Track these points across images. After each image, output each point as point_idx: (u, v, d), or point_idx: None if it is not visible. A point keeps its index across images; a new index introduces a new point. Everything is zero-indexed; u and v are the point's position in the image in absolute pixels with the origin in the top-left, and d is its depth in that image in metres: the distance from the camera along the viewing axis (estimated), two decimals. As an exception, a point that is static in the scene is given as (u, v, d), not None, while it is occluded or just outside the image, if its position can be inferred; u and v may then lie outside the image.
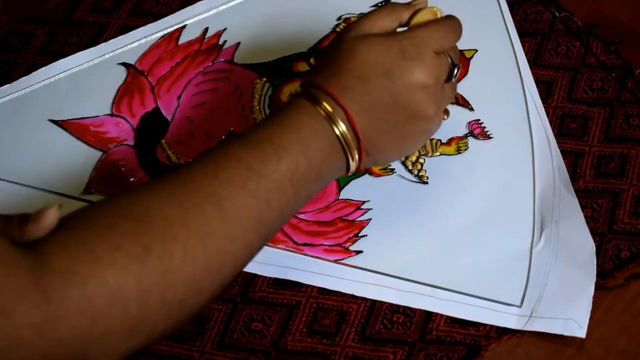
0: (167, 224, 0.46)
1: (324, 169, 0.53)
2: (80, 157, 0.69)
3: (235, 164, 0.49)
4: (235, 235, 0.48)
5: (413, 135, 0.57)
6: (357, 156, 0.55)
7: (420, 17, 0.57)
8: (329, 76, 0.54)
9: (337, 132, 0.53)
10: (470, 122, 0.70)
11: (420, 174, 0.67)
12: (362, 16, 0.57)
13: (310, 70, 0.58)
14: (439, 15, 0.57)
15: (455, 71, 0.57)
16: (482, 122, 0.70)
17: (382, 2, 0.77)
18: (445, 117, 0.59)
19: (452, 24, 0.57)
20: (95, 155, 0.69)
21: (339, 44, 0.56)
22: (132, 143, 0.70)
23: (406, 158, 0.68)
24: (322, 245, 0.64)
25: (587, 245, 0.63)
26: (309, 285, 0.63)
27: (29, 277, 0.41)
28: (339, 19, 0.76)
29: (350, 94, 0.53)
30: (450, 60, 0.56)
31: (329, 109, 0.53)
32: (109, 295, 0.42)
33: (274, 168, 0.50)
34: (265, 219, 0.50)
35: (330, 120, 0.53)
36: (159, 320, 0.46)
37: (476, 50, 0.74)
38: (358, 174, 0.67)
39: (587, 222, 0.65)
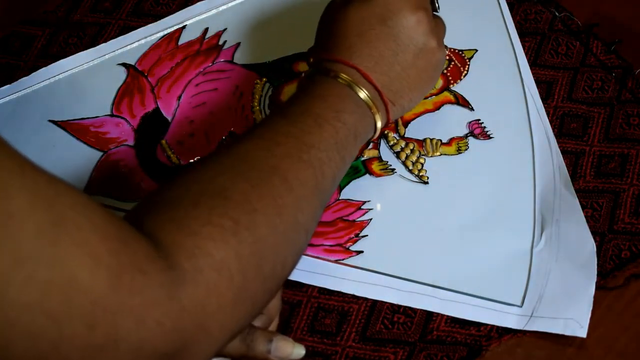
0: (245, 198, 0.47)
1: (359, 129, 0.57)
2: (80, 157, 0.69)
3: (285, 139, 0.52)
4: (303, 205, 0.51)
5: (427, 70, 0.61)
6: (383, 109, 0.58)
7: None
8: (332, 45, 0.59)
9: (360, 94, 0.57)
10: (470, 122, 0.70)
11: (420, 174, 0.67)
12: None
13: (311, 48, 0.62)
14: None
15: (437, 3, 0.63)
16: (483, 122, 0.70)
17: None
18: (447, 50, 0.63)
19: None
20: (95, 155, 0.69)
21: (328, 17, 0.61)
22: (132, 143, 0.70)
23: (406, 158, 0.68)
24: (322, 245, 0.64)
25: (587, 245, 0.63)
26: (309, 285, 0.63)
27: (151, 245, 0.42)
28: (339, 19, 0.76)
29: (356, 52, 0.58)
30: None
31: (344, 75, 0.57)
32: (215, 267, 0.44)
33: (319, 137, 0.53)
34: (322, 187, 0.53)
35: (350, 83, 0.57)
36: (258, 291, 0.47)
37: (476, 50, 0.74)
38: (359, 173, 0.67)
39: (588, 221, 0.65)
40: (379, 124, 0.59)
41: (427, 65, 0.61)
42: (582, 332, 0.60)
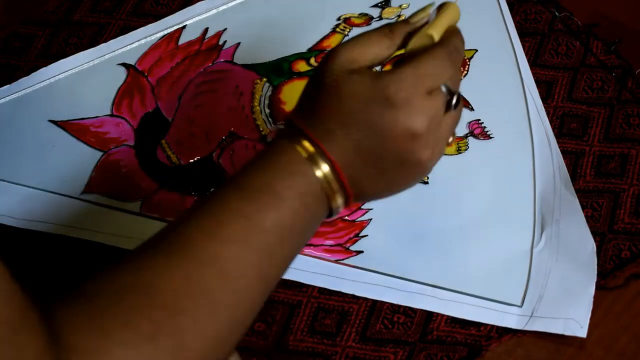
0: (173, 296, 0.43)
1: (319, 213, 0.50)
2: (80, 157, 0.69)
3: (234, 217, 0.46)
4: (240, 300, 0.46)
5: (403, 179, 0.52)
6: (344, 199, 0.50)
7: (417, 42, 0.51)
8: (313, 117, 0.50)
9: (321, 176, 0.49)
10: (470, 122, 0.70)
11: (420, 174, 0.67)
12: (353, 40, 0.50)
13: (298, 103, 0.52)
14: (435, 39, 0.51)
15: (454, 100, 0.50)
16: (483, 122, 0.70)
17: (382, 2, 0.77)
18: (450, 140, 0.53)
19: (448, 50, 0.50)
20: (95, 155, 0.69)
21: (324, 75, 0.50)
22: (132, 143, 0.70)
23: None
24: (323, 245, 0.64)
25: (587, 245, 0.63)
26: (310, 285, 0.63)
27: (46, 342, 0.39)
28: (338, 19, 0.76)
29: (334, 140, 0.49)
30: (446, 91, 0.50)
31: (318, 160, 0.49)
32: None
33: (274, 219, 0.47)
34: (267, 274, 0.47)
35: (314, 164, 0.49)
36: None
37: (476, 50, 0.74)
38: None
39: (588, 221, 0.65)
40: (338, 211, 0.51)
41: (405, 177, 0.52)
42: (582, 332, 0.60)
